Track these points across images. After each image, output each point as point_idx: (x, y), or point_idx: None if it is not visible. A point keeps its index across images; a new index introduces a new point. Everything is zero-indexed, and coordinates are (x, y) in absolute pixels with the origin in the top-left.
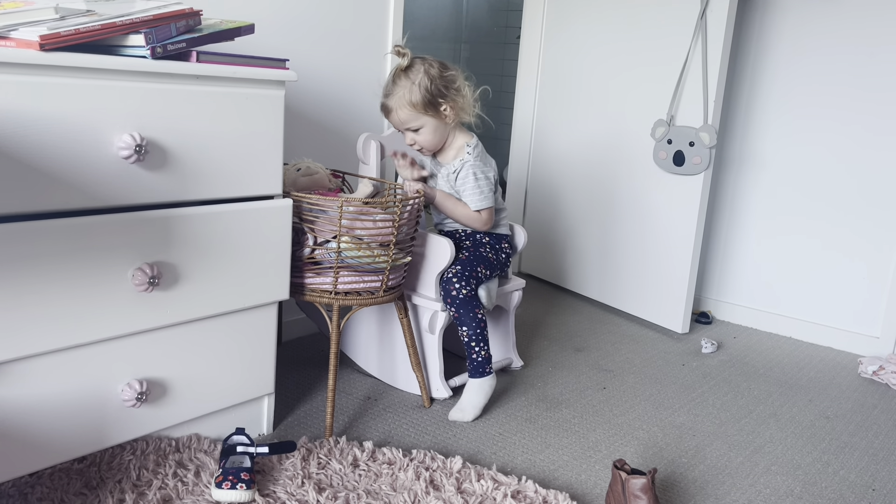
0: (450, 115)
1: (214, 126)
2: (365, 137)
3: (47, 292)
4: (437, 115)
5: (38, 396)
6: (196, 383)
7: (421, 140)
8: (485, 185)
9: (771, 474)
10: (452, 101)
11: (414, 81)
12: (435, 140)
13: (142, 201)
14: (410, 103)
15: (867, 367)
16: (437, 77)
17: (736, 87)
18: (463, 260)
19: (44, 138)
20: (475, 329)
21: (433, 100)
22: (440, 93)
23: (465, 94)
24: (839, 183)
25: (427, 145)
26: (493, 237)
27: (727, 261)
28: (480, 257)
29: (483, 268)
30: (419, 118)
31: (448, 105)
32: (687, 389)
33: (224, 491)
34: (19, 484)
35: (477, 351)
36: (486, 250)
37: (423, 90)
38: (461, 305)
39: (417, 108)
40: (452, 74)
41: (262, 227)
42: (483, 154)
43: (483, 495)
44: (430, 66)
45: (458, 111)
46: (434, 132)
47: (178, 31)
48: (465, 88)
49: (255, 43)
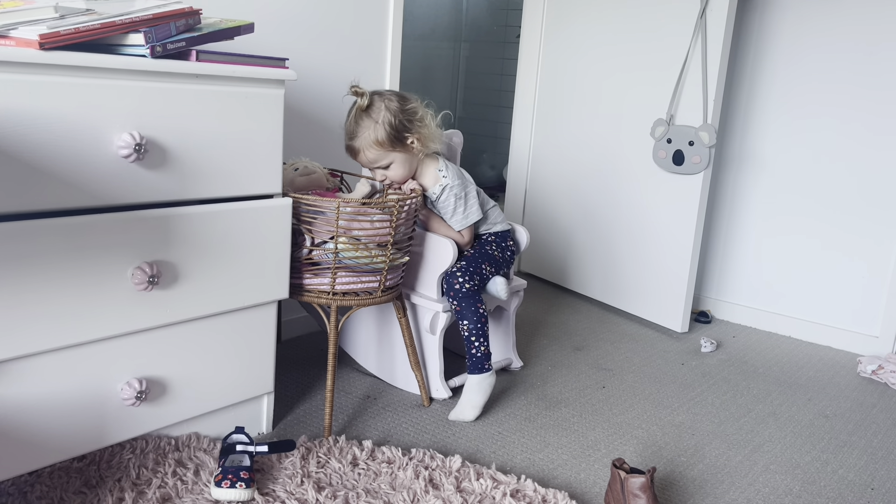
0: (417, 147)
1: (214, 125)
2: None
3: (47, 291)
4: (405, 149)
5: (38, 395)
6: (195, 382)
7: (392, 175)
8: (466, 202)
9: (770, 473)
10: (418, 132)
11: (377, 120)
12: (405, 172)
13: (141, 200)
14: (377, 142)
15: (866, 367)
16: (399, 111)
17: (735, 86)
18: (468, 256)
19: (43, 137)
20: (475, 324)
21: (398, 135)
22: (404, 127)
23: (427, 122)
24: (838, 182)
25: (398, 179)
26: (498, 235)
27: (726, 260)
28: (486, 255)
29: (488, 265)
30: (388, 155)
31: (414, 137)
32: (686, 388)
33: (223, 490)
34: (19, 482)
35: (476, 346)
36: (492, 248)
37: (388, 127)
38: (463, 299)
39: (384, 146)
40: (413, 107)
41: (261, 227)
42: (457, 171)
43: (482, 494)
44: (389, 102)
45: (425, 141)
46: (403, 165)
47: (177, 31)
48: (428, 117)
49: (254, 42)
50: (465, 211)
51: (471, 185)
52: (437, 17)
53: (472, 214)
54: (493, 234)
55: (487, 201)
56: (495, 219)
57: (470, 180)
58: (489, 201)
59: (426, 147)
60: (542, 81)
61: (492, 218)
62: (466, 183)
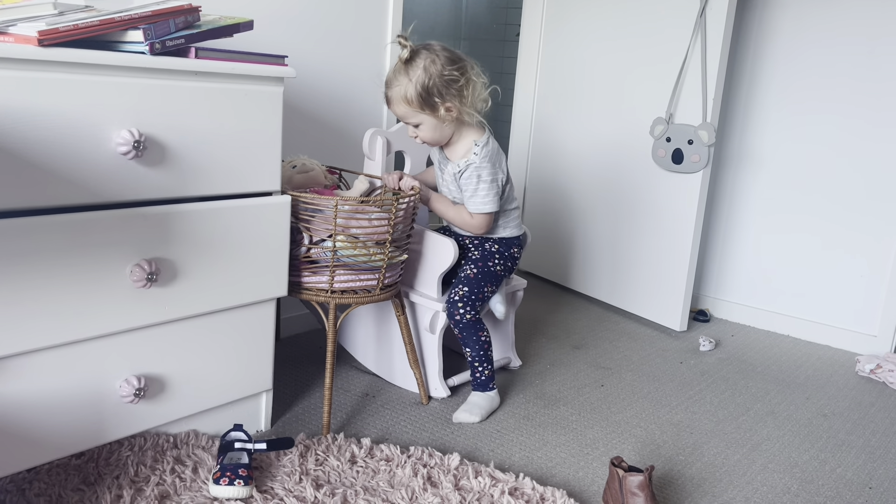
0: (448, 115)
1: (213, 122)
2: (372, 133)
3: (45, 288)
4: (435, 114)
5: (36, 392)
6: (194, 379)
7: (422, 136)
8: (487, 188)
9: (768, 472)
10: (453, 100)
11: (411, 78)
12: (436, 137)
13: (140, 197)
14: (405, 99)
15: (864, 366)
16: (438, 74)
17: (735, 84)
18: (470, 279)
19: (42, 134)
20: (478, 351)
21: (429, 98)
22: (438, 92)
23: (467, 93)
24: (837, 181)
25: (429, 141)
26: (503, 243)
27: (725, 259)
28: (488, 274)
29: (490, 286)
30: (416, 115)
31: (448, 104)
32: (685, 387)
33: (222, 487)
34: (17, 479)
35: (480, 371)
36: (495, 262)
37: (419, 87)
38: (464, 328)
39: (413, 104)
40: (456, 72)
41: (260, 224)
42: (493, 153)
43: (480, 492)
44: (431, 62)
45: (460, 110)
46: (434, 130)
47: (176, 27)
48: (471, 87)
49: (253, 39)
50: (485, 196)
51: (501, 175)
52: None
53: (490, 204)
54: (501, 241)
55: (512, 200)
56: (510, 222)
57: (504, 170)
58: (514, 200)
59: (461, 116)
60: (541, 80)
61: (508, 220)
62: (497, 171)
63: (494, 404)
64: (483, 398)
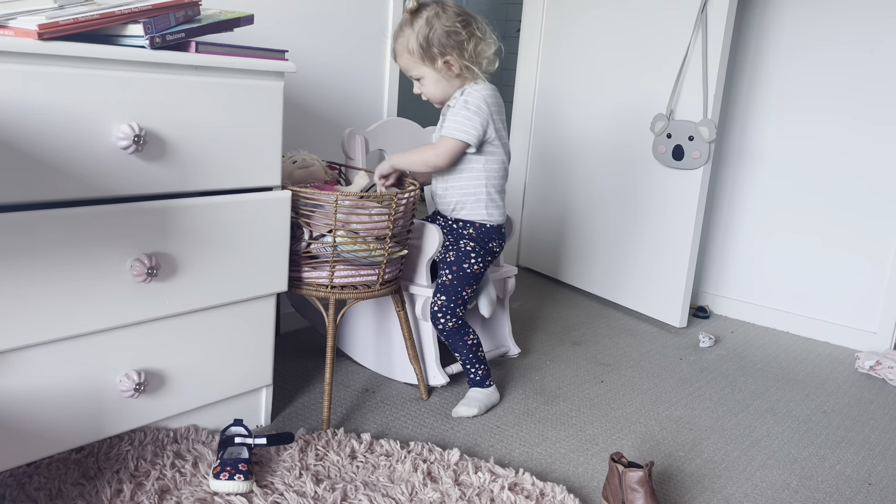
0: (449, 70)
1: (213, 117)
2: (349, 132)
3: (45, 282)
4: (435, 67)
5: (36, 386)
6: (194, 374)
7: (425, 91)
8: (465, 115)
9: (767, 468)
10: (454, 54)
11: (414, 29)
12: (438, 93)
13: (140, 192)
14: (408, 51)
15: (864, 362)
16: (441, 28)
17: (735, 81)
18: (446, 286)
19: (42, 128)
20: (468, 355)
21: (429, 50)
22: (440, 44)
23: (468, 47)
24: (838, 178)
25: (431, 97)
26: (482, 235)
27: (725, 255)
28: (464, 277)
29: (468, 287)
30: (418, 68)
31: (448, 58)
32: (684, 383)
33: (222, 482)
34: (17, 474)
35: (474, 372)
36: (471, 262)
37: (421, 38)
38: (449, 335)
39: (414, 56)
40: (458, 24)
41: (260, 219)
42: (489, 95)
43: (480, 487)
44: (435, 15)
45: (462, 65)
46: (436, 84)
47: (176, 21)
48: (473, 42)
49: (254, 34)
50: (462, 122)
51: (488, 117)
52: None
53: (464, 132)
54: (481, 231)
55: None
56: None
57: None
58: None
59: (463, 72)
60: (541, 76)
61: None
62: (485, 106)
63: (493, 400)
64: (481, 393)
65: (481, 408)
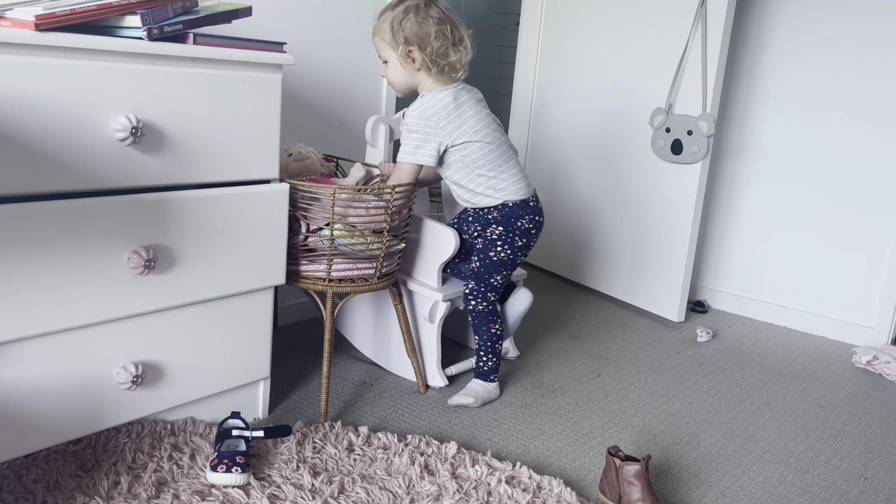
0: (409, 60)
1: (211, 109)
2: (374, 120)
3: (42, 274)
4: (398, 53)
5: (34, 378)
6: (191, 367)
7: (388, 75)
8: (406, 135)
9: (764, 462)
10: (417, 45)
11: (393, 13)
12: (398, 79)
13: (138, 184)
14: (381, 32)
15: (861, 357)
16: (414, 19)
17: (735, 75)
18: (475, 272)
19: (39, 119)
20: (486, 341)
21: (397, 36)
22: (408, 33)
23: (435, 46)
24: (836, 173)
25: (391, 82)
26: (506, 217)
27: (723, 250)
28: (491, 265)
29: (498, 274)
30: (385, 50)
31: (409, 48)
32: (682, 377)
33: (219, 474)
34: (14, 465)
35: (485, 360)
36: (498, 251)
37: (394, 24)
38: (477, 317)
39: (384, 37)
40: (431, 21)
41: (258, 212)
42: (431, 106)
43: (478, 480)
44: (416, 8)
45: (422, 59)
46: (397, 71)
47: (174, 13)
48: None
49: (252, 26)
50: (405, 144)
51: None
52: None
53: (409, 153)
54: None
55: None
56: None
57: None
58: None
59: (423, 68)
60: (540, 69)
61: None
62: (423, 122)
63: (492, 395)
64: (482, 386)
65: (478, 400)
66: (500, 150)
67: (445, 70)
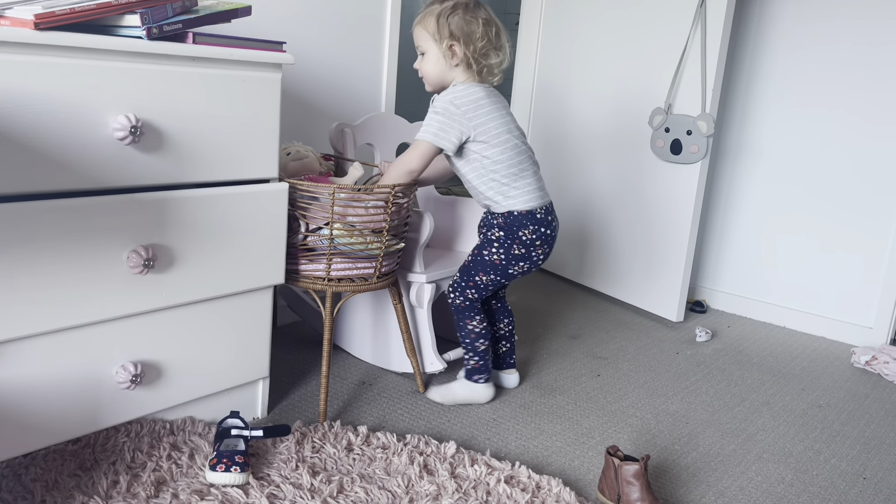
0: (451, 55)
1: (210, 108)
2: (336, 126)
3: (41, 274)
4: (440, 48)
5: (32, 378)
6: (191, 366)
7: (423, 67)
8: (436, 119)
9: (763, 462)
10: (460, 42)
11: (441, 6)
12: (434, 72)
13: (137, 183)
14: (422, 23)
15: (860, 357)
16: (462, 15)
17: (734, 75)
18: (463, 266)
19: (38, 118)
20: (465, 338)
21: (442, 30)
22: (454, 27)
23: (478, 46)
24: (835, 173)
25: (426, 74)
26: (509, 224)
27: (722, 250)
28: (480, 263)
29: (484, 275)
30: (426, 41)
31: (451, 43)
32: (680, 377)
33: (218, 473)
34: (13, 465)
35: (467, 359)
36: (492, 251)
37: (441, 17)
38: (455, 312)
39: (428, 28)
40: (478, 23)
41: (257, 211)
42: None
43: (477, 480)
44: (466, 5)
45: (463, 56)
46: (434, 64)
47: (174, 12)
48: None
49: (251, 25)
50: (429, 123)
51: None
52: None
53: (431, 133)
54: (508, 220)
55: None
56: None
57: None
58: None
59: (462, 65)
60: (540, 69)
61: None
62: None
63: (475, 397)
64: (464, 387)
65: (451, 402)
66: (518, 157)
67: (483, 72)
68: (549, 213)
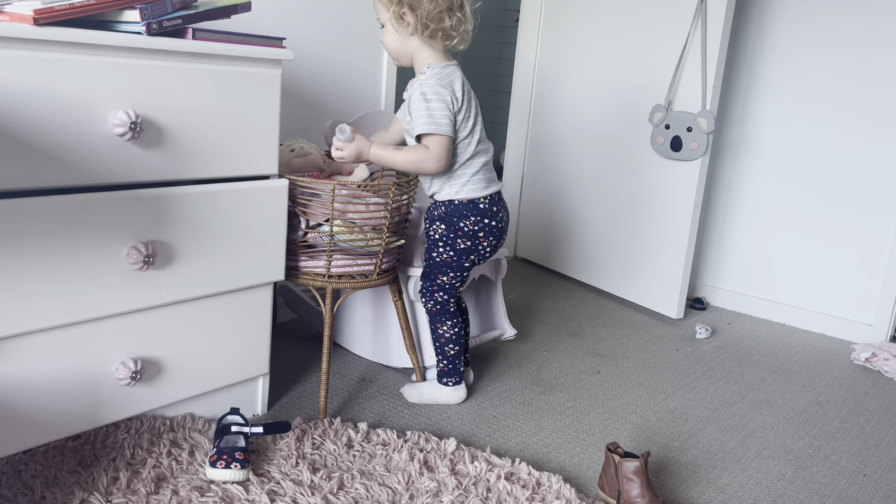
0: (402, 23)
1: (210, 104)
2: (330, 123)
3: (41, 270)
4: (392, 13)
5: (33, 374)
6: (191, 363)
7: (384, 40)
8: (435, 107)
9: (763, 459)
10: (408, 8)
11: None
12: (392, 45)
13: (136, 179)
14: None
15: (860, 354)
16: None
17: (734, 72)
18: (423, 271)
19: (37, 114)
20: (435, 342)
21: None
22: None
23: (428, 8)
24: (835, 171)
25: (387, 48)
26: (449, 216)
27: (722, 247)
28: (435, 265)
29: (441, 276)
30: (382, 12)
31: (402, 11)
32: (680, 374)
33: (218, 470)
34: (13, 461)
35: (437, 361)
36: (440, 251)
37: None
38: (429, 317)
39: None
40: None
41: (257, 207)
42: (443, 76)
43: (477, 477)
44: None
45: (413, 20)
46: (392, 37)
47: (173, 8)
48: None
49: (251, 21)
50: (432, 113)
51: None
52: None
53: (443, 124)
54: (448, 211)
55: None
56: (462, 180)
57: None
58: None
59: (416, 30)
60: (539, 65)
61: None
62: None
63: (443, 399)
64: (433, 389)
65: (419, 401)
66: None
67: (438, 36)
68: (495, 204)
